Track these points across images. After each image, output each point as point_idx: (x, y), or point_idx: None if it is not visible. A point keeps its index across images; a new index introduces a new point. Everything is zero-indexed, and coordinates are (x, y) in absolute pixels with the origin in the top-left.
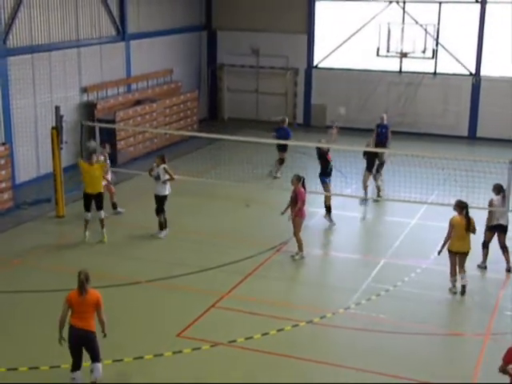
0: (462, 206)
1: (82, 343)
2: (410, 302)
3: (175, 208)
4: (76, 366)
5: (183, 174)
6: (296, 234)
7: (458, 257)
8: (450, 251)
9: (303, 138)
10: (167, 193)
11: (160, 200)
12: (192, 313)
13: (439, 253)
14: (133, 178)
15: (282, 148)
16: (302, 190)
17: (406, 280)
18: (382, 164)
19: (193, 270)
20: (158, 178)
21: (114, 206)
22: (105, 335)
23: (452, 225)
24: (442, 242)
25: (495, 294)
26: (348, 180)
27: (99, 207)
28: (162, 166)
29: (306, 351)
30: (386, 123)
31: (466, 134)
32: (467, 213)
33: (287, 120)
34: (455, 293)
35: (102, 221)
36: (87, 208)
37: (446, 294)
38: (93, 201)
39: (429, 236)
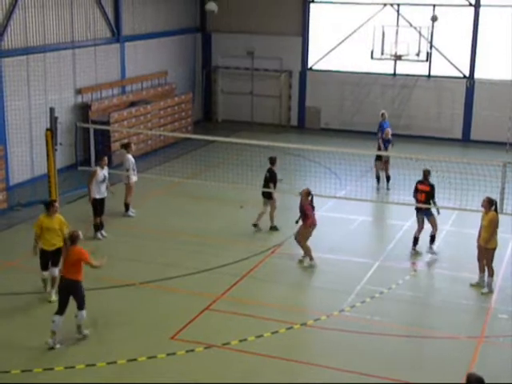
0: (492, 202)
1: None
2: (404, 305)
3: (169, 210)
4: (60, 311)
5: (177, 176)
6: (301, 241)
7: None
8: (493, 249)
9: (297, 141)
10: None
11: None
12: (186, 315)
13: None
14: None
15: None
16: (309, 207)
17: (401, 282)
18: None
19: (187, 272)
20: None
21: (127, 208)
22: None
23: (495, 221)
24: (484, 242)
25: (489, 297)
26: (342, 182)
27: (55, 263)
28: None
29: (300, 354)
30: (386, 121)
31: (459, 136)
32: (496, 209)
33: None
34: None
35: (54, 279)
36: (44, 266)
37: (439, 296)
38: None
39: (423, 238)
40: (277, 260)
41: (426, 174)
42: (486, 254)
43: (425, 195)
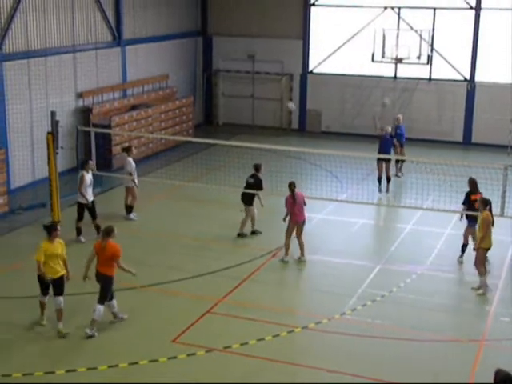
0: (485, 202)
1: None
2: (405, 308)
3: (170, 213)
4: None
5: (178, 180)
6: (285, 236)
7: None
8: (485, 249)
9: (298, 144)
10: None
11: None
12: (187, 318)
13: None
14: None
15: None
16: (291, 200)
17: (402, 286)
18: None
19: (188, 276)
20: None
21: (129, 211)
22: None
23: (488, 220)
24: (478, 241)
25: (491, 299)
26: (343, 185)
27: (58, 293)
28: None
29: (301, 357)
30: (401, 125)
31: (460, 139)
32: (490, 209)
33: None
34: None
35: (60, 311)
36: (44, 291)
37: (441, 299)
38: (51, 285)
39: (424, 242)
40: (278, 263)
41: (476, 183)
42: (478, 253)
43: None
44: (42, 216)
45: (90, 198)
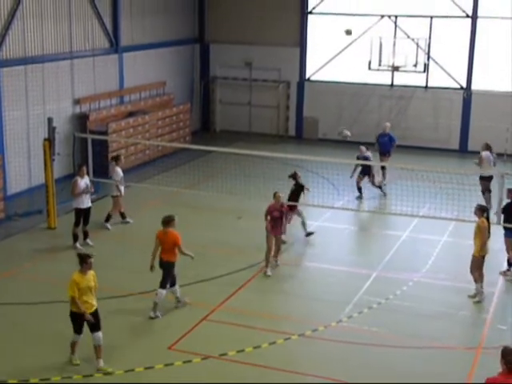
0: (483, 210)
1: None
2: (401, 316)
3: None
4: (162, 285)
5: (175, 186)
6: None
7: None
8: (482, 257)
9: (295, 151)
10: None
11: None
12: (183, 325)
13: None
14: (124, 190)
15: None
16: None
17: (398, 293)
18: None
19: (184, 282)
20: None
21: (107, 219)
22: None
23: (484, 228)
24: (479, 248)
25: (487, 307)
26: (340, 192)
27: (96, 328)
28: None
29: (297, 364)
30: (389, 132)
31: (457, 147)
32: (487, 217)
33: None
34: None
35: (99, 348)
36: (79, 330)
37: (437, 307)
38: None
39: (420, 249)
40: (274, 270)
41: None
42: (474, 260)
43: None
44: (39, 222)
45: (87, 203)
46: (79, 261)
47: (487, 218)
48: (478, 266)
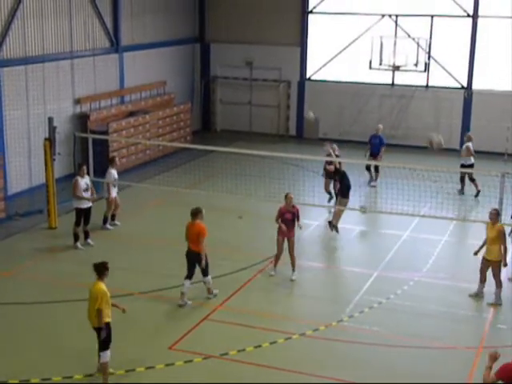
0: (498, 214)
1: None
2: (402, 315)
3: (168, 219)
4: (188, 276)
5: (176, 186)
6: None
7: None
8: (501, 261)
9: (296, 150)
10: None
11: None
12: (184, 325)
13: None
14: (125, 190)
15: None
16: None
17: (399, 293)
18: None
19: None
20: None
21: (105, 221)
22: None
23: (504, 233)
24: (500, 253)
25: (488, 307)
26: None
27: (100, 347)
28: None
29: (298, 364)
30: (380, 134)
31: (457, 146)
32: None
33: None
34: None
35: (104, 366)
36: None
37: (438, 306)
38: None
39: (421, 249)
40: (275, 270)
41: None
42: (493, 265)
43: None
44: (39, 222)
45: (88, 203)
46: (100, 270)
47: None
48: (499, 270)
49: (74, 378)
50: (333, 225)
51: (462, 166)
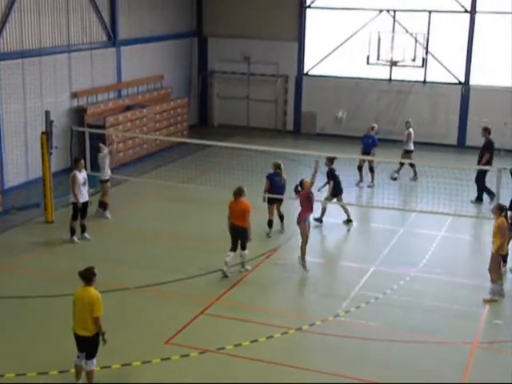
0: (501, 209)
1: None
2: (399, 310)
3: (164, 214)
4: (233, 248)
5: (173, 180)
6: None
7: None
8: (502, 256)
9: (293, 145)
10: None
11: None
12: (180, 319)
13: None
14: (122, 184)
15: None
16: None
17: (395, 288)
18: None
19: (182, 277)
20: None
21: (105, 208)
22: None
23: (504, 227)
24: (496, 248)
25: (484, 302)
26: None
27: (89, 356)
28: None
29: (295, 358)
30: (374, 134)
31: (455, 142)
32: (506, 215)
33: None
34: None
35: (91, 375)
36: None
37: (435, 301)
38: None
39: (418, 244)
40: (272, 265)
41: None
42: (493, 258)
43: None
44: (36, 216)
45: (85, 197)
46: (87, 276)
47: (505, 217)
48: (496, 265)
49: (71, 373)
50: (319, 218)
51: (408, 152)
